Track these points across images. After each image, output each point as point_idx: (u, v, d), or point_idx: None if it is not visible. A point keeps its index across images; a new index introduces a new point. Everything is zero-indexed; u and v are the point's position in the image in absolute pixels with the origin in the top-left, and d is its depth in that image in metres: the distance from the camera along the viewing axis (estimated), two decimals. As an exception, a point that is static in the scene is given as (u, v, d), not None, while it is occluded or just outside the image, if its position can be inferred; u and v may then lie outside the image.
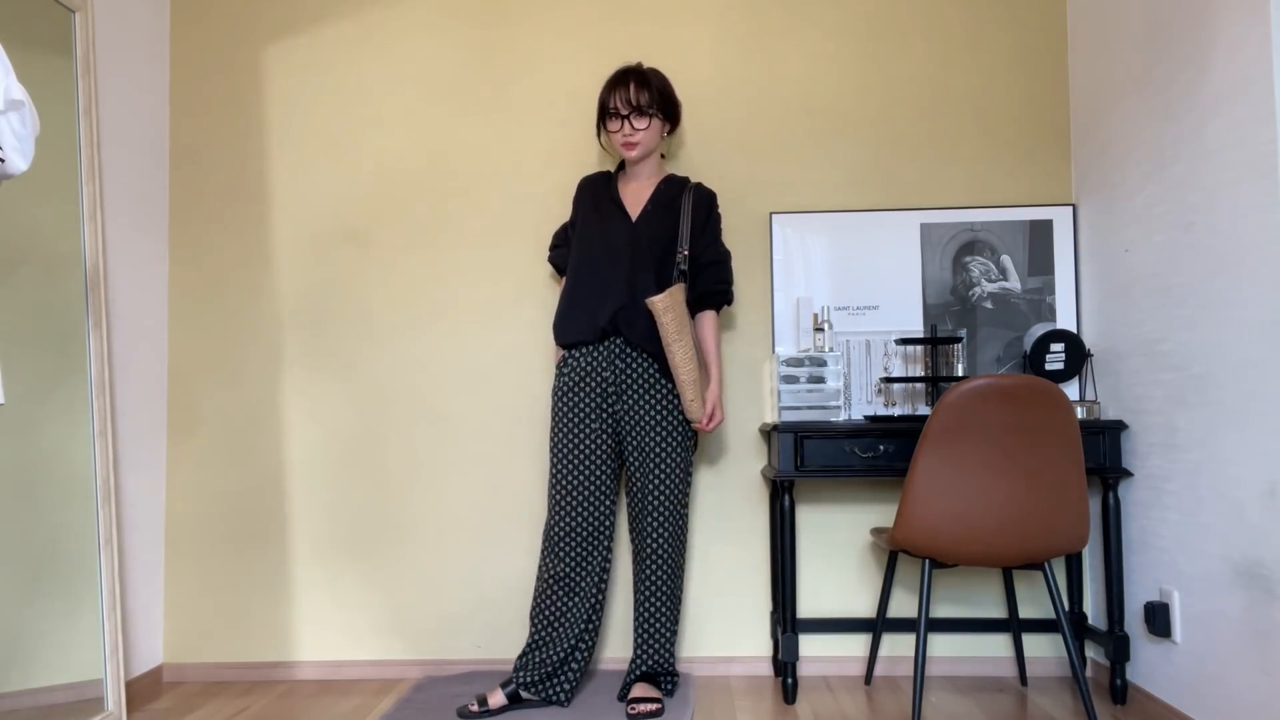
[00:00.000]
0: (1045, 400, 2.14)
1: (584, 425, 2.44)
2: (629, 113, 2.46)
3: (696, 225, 2.51)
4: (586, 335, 2.44)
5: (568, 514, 2.42)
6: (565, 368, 2.48)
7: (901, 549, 2.28)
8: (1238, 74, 2.00)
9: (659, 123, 2.52)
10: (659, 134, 2.54)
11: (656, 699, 2.37)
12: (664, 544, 2.43)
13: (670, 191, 2.53)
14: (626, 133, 2.48)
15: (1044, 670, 2.70)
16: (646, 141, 2.50)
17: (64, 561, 2.29)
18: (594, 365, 2.44)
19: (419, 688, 2.64)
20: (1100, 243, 2.65)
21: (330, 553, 2.83)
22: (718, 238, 2.56)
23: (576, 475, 2.43)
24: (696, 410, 2.40)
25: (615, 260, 2.45)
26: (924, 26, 2.86)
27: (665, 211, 2.50)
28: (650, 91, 2.47)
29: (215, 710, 2.51)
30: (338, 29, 2.92)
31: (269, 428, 2.86)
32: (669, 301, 2.33)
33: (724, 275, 2.53)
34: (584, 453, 2.43)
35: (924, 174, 2.83)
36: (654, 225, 2.48)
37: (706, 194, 2.56)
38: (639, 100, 2.45)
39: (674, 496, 2.43)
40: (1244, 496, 1.99)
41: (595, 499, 2.43)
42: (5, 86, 1.54)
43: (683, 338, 2.35)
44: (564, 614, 2.41)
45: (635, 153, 2.49)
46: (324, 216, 2.89)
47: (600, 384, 2.44)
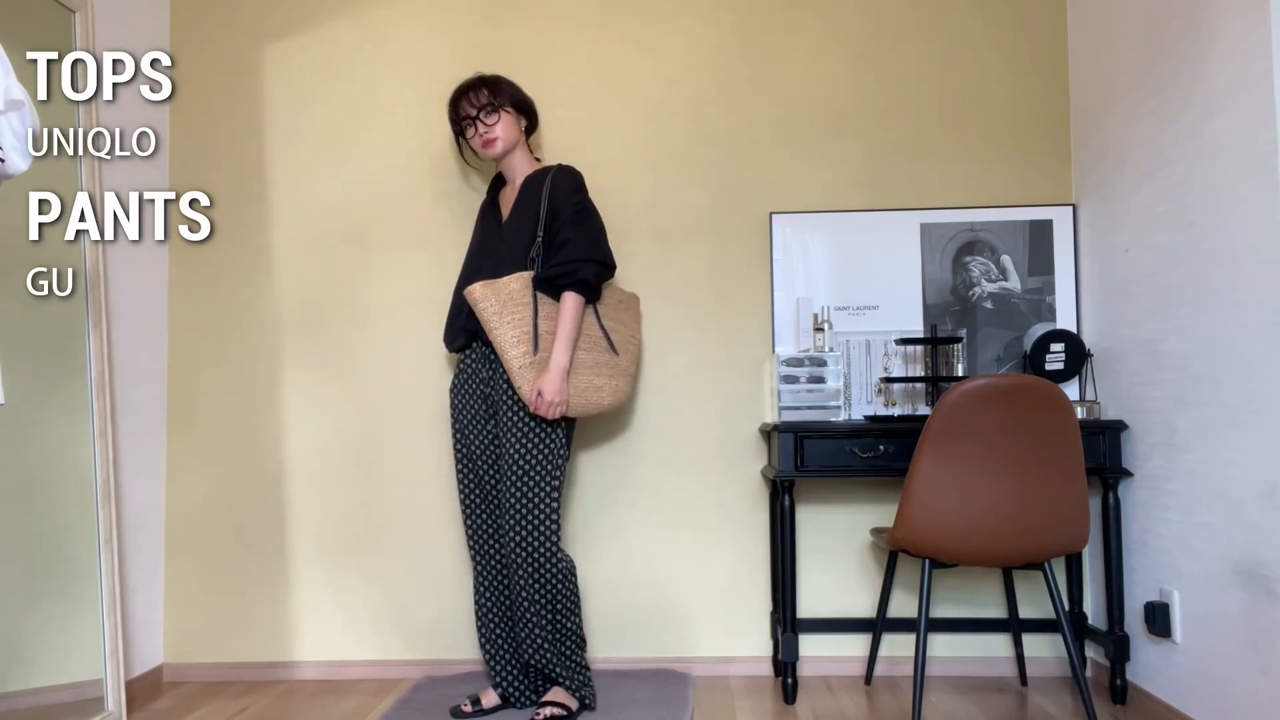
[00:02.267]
0: (1045, 400, 2.14)
1: (467, 428, 2.45)
2: (477, 113, 2.47)
3: (553, 207, 2.37)
4: (458, 341, 2.47)
5: (468, 520, 2.46)
6: (455, 372, 2.53)
7: (901, 549, 2.28)
8: (1238, 74, 1.99)
9: (512, 116, 2.49)
10: (516, 128, 2.50)
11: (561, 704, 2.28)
12: (519, 545, 2.26)
13: (533, 184, 2.45)
14: (480, 131, 2.47)
15: (1044, 670, 2.70)
16: (504, 135, 2.47)
17: (64, 562, 2.29)
18: (469, 369, 2.46)
19: (419, 688, 2.64)
20: (1100, 243, 2.65)
21: (330, 553, 2.83)
22: (575, 218, 2.36)
23: (468, 480, 2.45)
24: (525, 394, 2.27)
25: (484, 264, 2.43)
26: (924, 26, 2.86)
27: (528, 205, 2.42)
28: (493, 90, 2.47)
29: (215, 710, 2.51)
30: (338, 29, 2.92)
31: (269, 428, 2.86)
32: (484, 291, 2.27)
33: (571, 255, 2.32)
34: (470, 457, 2.45)
35: (924, 174, 2.83)
36: (520, 221, 2.41)
37: (564, 174, 2.43)
38: (481, 99, 2.46)
39: (526, 494, 2.26)
40: (1244, 496, 1.99)
41: (488, 501, 2.43)
42: (5, 86, 1.54)
43: (503, 325, 2.26)
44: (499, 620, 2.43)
45: (497, 148, 2.47)
46: (324, 216, 2.89)
47: (477, 386, 2.44)
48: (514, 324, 2.28)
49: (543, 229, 2.37)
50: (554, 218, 2.37)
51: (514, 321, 2.28)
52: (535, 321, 2.30)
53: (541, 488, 2.28)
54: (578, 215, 2.38)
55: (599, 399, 2.39)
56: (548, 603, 2.30)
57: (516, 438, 2.29)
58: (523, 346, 2.27)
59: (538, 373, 2.27)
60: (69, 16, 2.39)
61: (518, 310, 2.29)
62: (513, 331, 2.27)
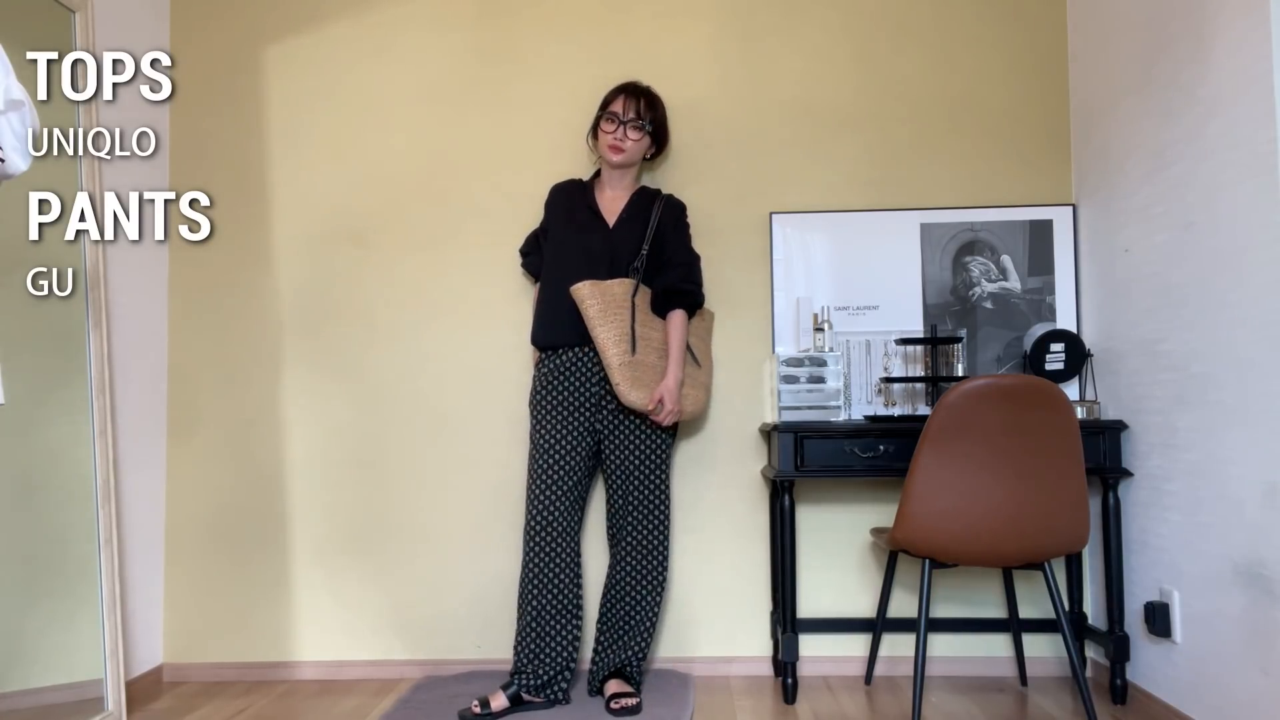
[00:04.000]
0: (1045, 400, 2.14)
1: (563, 425, 2.48)
2: (628, 119, 2.55)
3: (664, 229, 2.57)
4: (567, 339, 2.49)
5: (549, 512, 2.44)
6: (544, 368, 2.54)
7: (901, 549, 2.28)
8: (1238, 74, 1.99)
9: (648, 141, 2.61)
10: (644, 151, 2.63)
11: (633, 694, 2.41)
12: (647, 542, 2.49)
13: (644, 200, 2.61)
14: (619, 137, 2.55)
15: (1044, 670, 2.70)
16: (633, 152, 2.58)
17: (64, 561, 2.29)
18: (573, 367, 2.49)
19: (419, 688, 2.64)
20: (1100, 243, 2.65)
21: (330, 553, 2.83)
22: (684, 243, 2.61)
23: (556, 474, 2.46)
24: (628, 395, 2.39)
25: (593, 266, 2.49)
26: (924, 26, 2.86)
27: (638, 219, 2.57)
28: (655, 111, 2.60)
29: (215, 710, 2.51)
30: (338, 29, 2.92)
31: (269, 428, 2.86)
32: (591, 290, 2.41)
33: (690, 275, 2.58)
34: (563, 452, 2.47)
35: (924, 174, 2.83)
36: (628, 232, 2.55)
37: (676, 203, 2.65)
38: (643, 113, 2.57)
39: (662, 493, 2.51)
40: (1244, 496, 1.99)
41: (573, 498, 2.48)
42: (5, 86, 1.54)
43: (606, 324, 2.40)
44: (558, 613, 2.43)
45: (620, 158, 2.56)
46: (324, 217, 2.89)
47: (579, 385, 2.48)
48: (615, 325, 2.42)
49: (648, 244, 2.53)
50: (663, 239, 2.56)
51: (615, 323, 2.43)
52: (633, 325, 2.45)
53: (666, 486, 2.54)
54: (689, 243, 2.64)
55: (688, 407, 2.56)
56: (661, 596, 2.52)
57: (645, 443, 2.50)
58: (622, 346, 2.41)
59: (634, 373, 2.42)
60: (69, 16, 2.39)
61: (619, 313, 2.44)
62: (614, 332, 2.41)
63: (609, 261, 2.51)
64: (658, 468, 2.51)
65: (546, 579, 2.43)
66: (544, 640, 2.42)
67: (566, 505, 2.46)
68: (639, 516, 2.50)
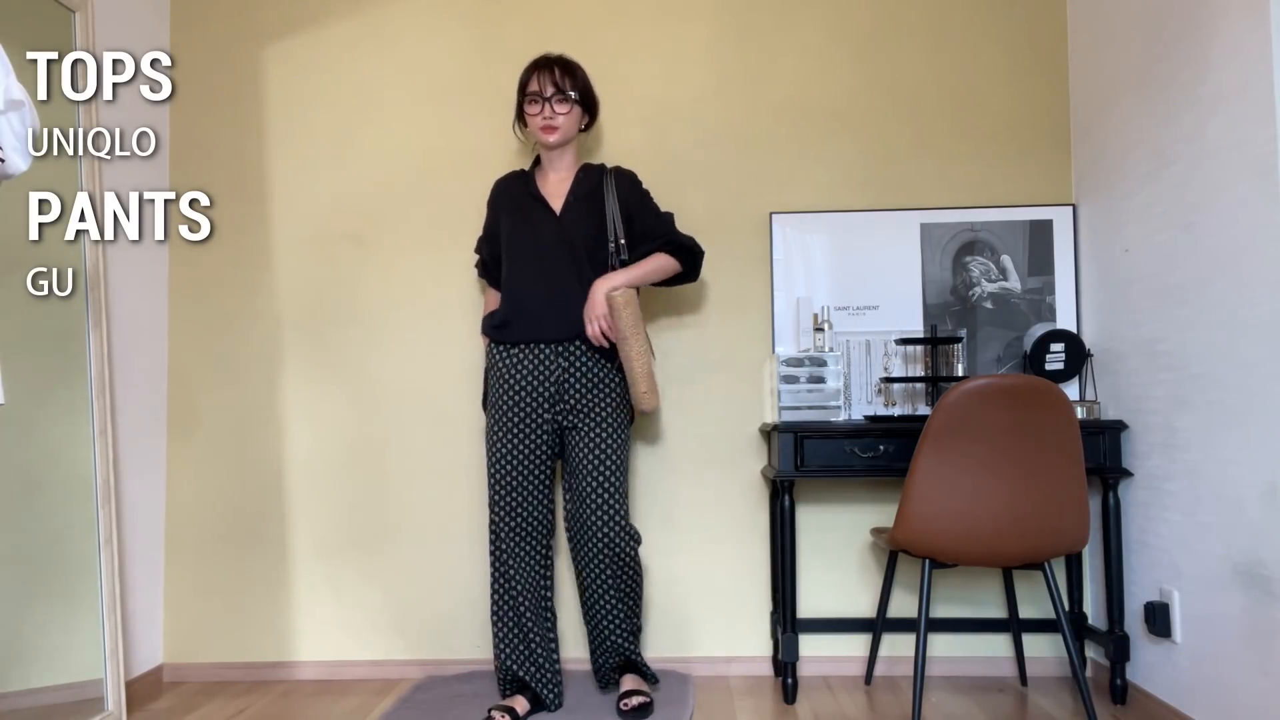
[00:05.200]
0: (1045, 400, 2.14)
1: (526, 421, 2.40)
2: (551, 94, 2.43)
3: (630, 207, 2.48)
4: (528, 334, 2.41)
5: (513, 512, 2.39)
6: (503, 364, 2.43)
7: (901, 549, 2.28)
8: (1238, 74, 1.99)
9: (579, 111, 2.49)
10: (577, 123, 2.51)
11: (646, 691, 2.40)
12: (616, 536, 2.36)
13: (590, 179, 2.51)
14: (547, 115, 2.43)
15: (1044, 670, 2.70)
16: (565, 128, 2.46)
17: (64, 561, 2.29)
18: (535, 362, 2.40)
19: (419, 688, 2.64)
20: (1100, 243, 2.65)
21: (330, 553, 2.83)
22: (652, 210, 2.52)
23: (520, 472, 2.40)
24: (651, 402, 2.38)
25: (546, 257, 2.43)
26: (924, 26, 2.86)
27: (589, 200, 2.47)
28: (574, 79, 2.47)
29: (215, 710, 2.51)
30: (338, 29, 2.92)
31: (269, 428, 2.86)
32: (629, 296, 2.35)
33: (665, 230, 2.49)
34: (526, 449, 2.40)
35: (924, 174, 2.83)
36: (579, 215, 2.45)
37: (626, 174, 2.54)
38: (563, 85, 2.44)
39: (617, 487, 2.38)
40: (1244, 496, 1.99)
41: (538, 498, 2.42)
42: (5, 86, 1.54)
43: (638, 332, 2.35)
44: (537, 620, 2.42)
45: (555, 137, 2.45)
46: (324, 216, 2.89)
47: (542, 380, 2.39)
48: (643, 333, 2.39)
49: (618, 233, 2.45)
50: (635, 214, 2.48)
51: (643, 332, 2.39)
52: (646, 331, 2.43)
53: (626, 480, 2.43)
54: (655, 207, 2.54)
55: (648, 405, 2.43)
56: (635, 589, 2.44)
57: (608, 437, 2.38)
58: (648, 355, 2.41)
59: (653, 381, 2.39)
60: (69, 16, 2.39)
61: (641, 320, 2.39)
62: (643, 341, 2.38)
63: (567, 248, 2.41)
64: (616, 453, 2.39)
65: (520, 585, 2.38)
66: (530, 644, 2.38)
67: (531, 506, 2.40)
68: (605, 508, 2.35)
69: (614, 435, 2.41)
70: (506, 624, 2.40)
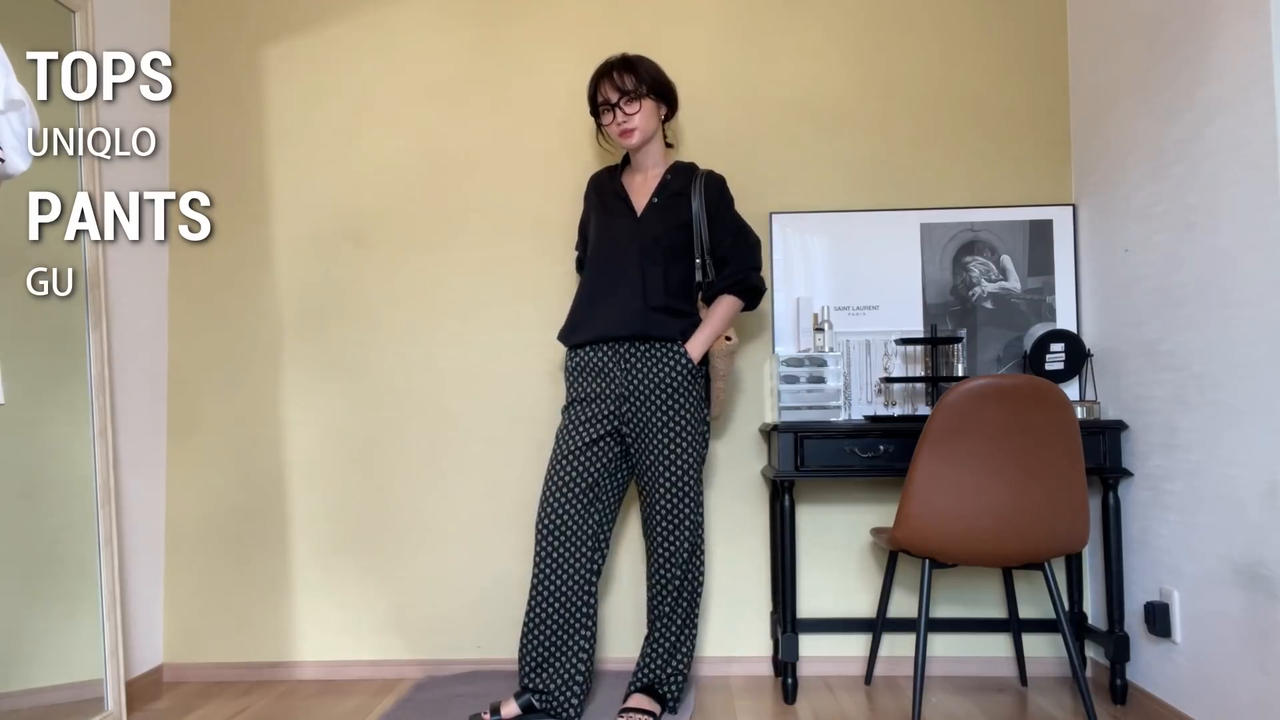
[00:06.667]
0: (1045, 400, 2.14)
1: (590, 425, 2.34)
2: (618, 99, 2.38)
3: (710, 216, 2.41)
4: (596, 335, 2.36)
5: (557, 512, 2.31)
6: (569, 366, 2.43)
7: (901, 549, 2.28)
8: (1238, 74, 1.99)
9: (653, 104, 2.42)
10: (655, 117, 2.44)
11: (650, 712, 2.29)
12: (679, 549, 2.34)
13: (678, 181, 2.44)
14: (620, 120, 2.39)
15: (1044, 670, 2.70)
16: (643, 126, 2.40)
17: (64, 562, 2.29)
18: (604, 365, 2.36)
19: (419, 688, 2.64)
20: (1100, 243, 2.65)
21: (330, 553, 2.83)
22: (730, 226, 2.45)
23: (569, 474, 2.32)
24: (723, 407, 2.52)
25: (623, 259, 2.37)
26: (924, 26, 2.86)
27: (674, 202, 2.41)
28: (637, 75, 2.39)
29: (215, 710, 2.51)
30: (338, 29, 2.92)
31: (269, 428, 2.85)
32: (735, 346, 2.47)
33: (741, 265, 2.43)
34: (577, 451, 2.33)
35: (924, 174, 2.83)
36: (662, 218, 2.40)
37: (715, 180, 2.47)
38: (625, 84, 2.37)
39: (688, 499, 2.33)
40: (1244, 496, 1.99)
41: (587, 500, 2.33)
42: (5, 86, 1.54)
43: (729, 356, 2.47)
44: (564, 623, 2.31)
45: (634, 139, 2.40)
46: (324, 216, 2.89)
47: (609, 384, 2.34)
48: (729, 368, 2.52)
49: (702, 238, 2.41)
50: (712, 229, 2.43)
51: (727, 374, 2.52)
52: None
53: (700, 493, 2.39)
54: (742, 229, 2.48)
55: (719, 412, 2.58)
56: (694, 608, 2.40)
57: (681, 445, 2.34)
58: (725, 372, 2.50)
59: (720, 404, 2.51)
60: (69, 16, 2.39)
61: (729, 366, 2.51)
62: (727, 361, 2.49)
63: (639, 253, 2.36)
64: (687, 470, 2.33)
65: (550, 585, 2.29)
66: (548, 650, 2.30)
67: (578, 508, 2.30)
68: (666, 522, 2.34)
69: (682, 447, 2.33)
70: (530, 628, 2.32)
